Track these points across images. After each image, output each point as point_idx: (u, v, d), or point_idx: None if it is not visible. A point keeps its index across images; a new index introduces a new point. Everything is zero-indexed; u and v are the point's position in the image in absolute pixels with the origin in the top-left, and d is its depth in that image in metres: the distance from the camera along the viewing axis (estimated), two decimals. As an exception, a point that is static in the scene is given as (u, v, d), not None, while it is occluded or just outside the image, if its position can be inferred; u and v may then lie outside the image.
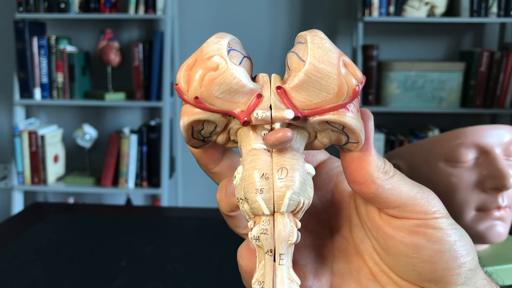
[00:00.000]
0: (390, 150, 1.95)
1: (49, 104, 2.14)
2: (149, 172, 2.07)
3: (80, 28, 2.19)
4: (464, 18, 1.89)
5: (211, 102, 0.24)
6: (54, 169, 2.10)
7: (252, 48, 2.15)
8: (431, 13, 1.94)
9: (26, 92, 2.02)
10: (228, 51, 0.24)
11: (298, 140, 0.25)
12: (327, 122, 0.24)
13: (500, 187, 0.58)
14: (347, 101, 0.24)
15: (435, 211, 0.25)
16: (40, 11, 1.98)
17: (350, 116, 0.24)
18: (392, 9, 1.92)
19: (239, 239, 0.29)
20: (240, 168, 0.25)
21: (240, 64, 0.24)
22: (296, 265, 0.28)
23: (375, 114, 2.15)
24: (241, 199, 0.25)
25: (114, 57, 2.01)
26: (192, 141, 0.26)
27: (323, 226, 0.29)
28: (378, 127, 2.09)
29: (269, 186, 0.24)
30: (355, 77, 0.24)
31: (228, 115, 0.25)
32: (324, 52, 0.23)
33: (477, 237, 0.61)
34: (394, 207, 0.25)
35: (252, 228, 0.24)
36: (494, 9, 1.90)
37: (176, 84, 0.24)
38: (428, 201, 0.25)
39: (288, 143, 0.24)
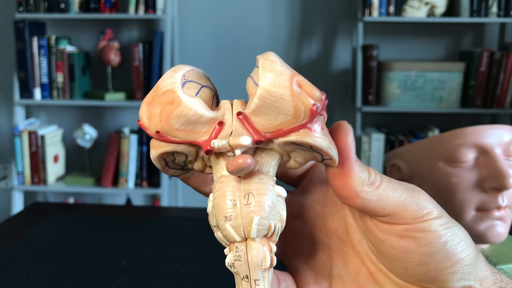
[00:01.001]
0: (390, 150, 1.95)
1: (49, 104, 2.14)
2: (149, 172, 2.07)
3: (80, 28, 2.18)
4: (464, 18, 1.89)
5: (173, 135, 0.24)
6: (54, 169, 2.10)
7: (252, 48, 2.15)
8: (431, 13, 1.94)
9: (26, 92, 2.02)
10: (184, 84, 0.24)
11: (267, 163, 0.25)
12: (293, 143, 0.24)
13: (500, 187, 0.58)
14: (306, 121, 0.24)
15: (426, 213, 0.25)
16: (40, 11, 1.98)
17: (314, 136, 0.24)
18: (392, 9, 1.92)
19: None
20: (211, 196, 0.25)
21: (196, 94, 0.24)
22: (296, 272, 0.28)
23: (375, 114, 2.15)
24: (214, 226, 0.25)
25: (114, 57, 2.01)
26: (170, 171, 0.27)
27: (319, 230, 0.29)
28: (378, 127, 2.10)
29: (236, 213, 0.24)
30: (311, 96, 0.24)
31: (194, 145, 0.25)
32: (275, 75, 0.23)
33: (477, 237, 0.61)
34: (384, 215, 0.25)
35: (227, 255, 0.25)
36: (494, 9, 1.90)
37: (139, 121, 0.25)
38: (418, 205, 0.25)
39: (248, 169, 0.24)
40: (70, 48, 2.05)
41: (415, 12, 1.91)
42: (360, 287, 0.28)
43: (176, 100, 0.24)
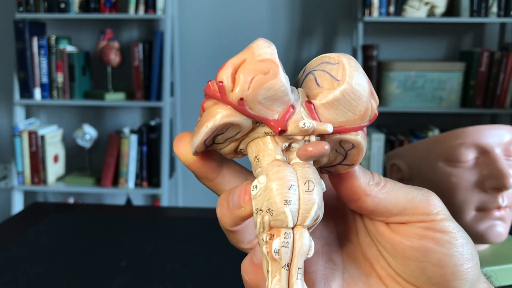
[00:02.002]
0: (390, 150, 1.95)
1: (49, 104, 2.15)
2: (149, 172, 2.07)
3: (80, 28, 2.19)
4: (464, 18, 1.89)
5: (252, 107, 0.23)
6: (54, 169, 2.10)
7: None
8: (431, 13, 1.94)
9: (26, 92, 2.02)
10: None
11: None
12: (343, 141, 0.25)
13: (500, 187, 0.58)
14: (367, 123, 0.25)
15: (438, 211, 0.25)
16: (40, 11, 1.98)
17: (363, 138, 0.25)
18: (392, 9, 1.92)
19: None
20: (263, 178, 0.24)
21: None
22: (306, 273, 0.28)
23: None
24: (261, 210, 0.24)
25: (114, 57, 2.01)
26: (201, 147, 0.25)
27: (331, 232, 0.30)
28: (378, 127, 2.09)
29: (296, 198, 0.24)
30: (376, 102, 0.25)
31: (256, 122, 0.24)
32: (360, 75, 0.24)
33: (477, 237, 0.61)
34: (396, 214, 0.26)
35: (267, 241, 0.24)
36: (494, 9, 1.90)
37: (221, 82, 0.23)
38: (428, 201, 0.26)
39: (323, 156, 0.24)
40: (70, 48, 2.05)
41: (415, 12, 1.91)
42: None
43: (274, 71, 0.23)
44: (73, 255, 0.71)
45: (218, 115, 0.23)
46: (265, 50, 0.23)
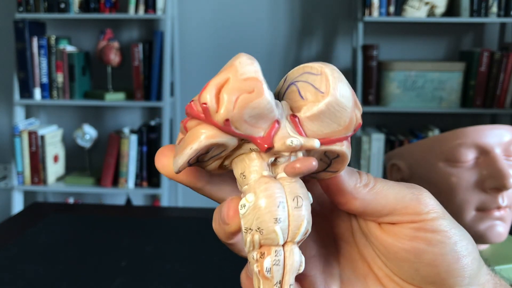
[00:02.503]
0: (390, 150, 1.95)
1: (49, 104, 2.14)
2: (149, 172, 2.07)
3: (80, 28, 2.19)
4: (464, 18, 1.89)
5: (238, 126, 0.23)
6: (54, 169, 2.10)
7: (252, 48, 2.15)
8: (431, 13, 1.94)
9: (26, 92, 2.02)
10: None
11: None
12: (328, 151, 0.25)
13: (500, 187, 0.58)
14: (352, 133, 0.25)
15: (429, 210, 0.25)
16: (40, 11, 1.98)
17: (348, 147, 0.25)
18: (392, 9, 1.92)
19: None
20: (251, 196, 0.24)
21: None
22: (305, 277, 0.28)
23: (375, 114, 2.15)
24: (250, 229, 0.24)
25: (114, 57, 2.01)
26: (184, 166, 0.24)
27: (326, 234, 0.29)
28: (378, 127, 2.10)
29: (285, 216, 0.23)
30: (360, 111, 0.25)
31: (241, 139, 0.24)
32: (344, 86, 0.24)
33: (477, 237, 0.61)
34: (387, 214, 0.25)
35: (258, 260, 0.24)
36: (494, 9, 1.90)
37: (204, 104, 0.22)
38: (419, 200, 0.25)
39: (310, 172, 0.24)
40: (70, 48, 2.05)
41: (415, 12, 1.91)
42: None
43: (259, 90, 0.22)
44: (73, 255, 0.71)
45: (203, 136, 0.23)
46: (248, 68, 0.23)
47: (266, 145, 0.23)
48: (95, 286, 0.62)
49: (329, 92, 0.24)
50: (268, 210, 0.23)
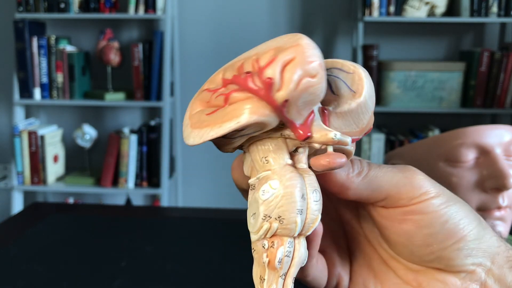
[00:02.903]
0: (390, 150, 1.95)
1: (49, 104, 2.14)
2: (149, 172, 2.07)
3: (80, 28, 2.18)
4: (464, 18, 1.89)
5: (290, 109, 0.22)
6: (54, 169, 2.10)
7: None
8: (431, 13, 1.94)
9: (26, 92, 2.02)
10: None
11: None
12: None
13: (500, 187, 0.58)
14: (361, 136, 0.25)
15: (423, 193, 0.25)
16: (40, 11, 1.98)
17: (354, 148, 0.25)
18: (392, 9, 1.92)
19: (239, 240, 0.29)
20: (276, 183, 0.23)
21: None
22: (325, 254, 0.28)
23: (375, 114, 2.15)
24: (269, 216, 0.23)
25: (114, 57, 2.01)
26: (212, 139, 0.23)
27: (332, 221, 0.30)
28: (378, 127, 2.09)
29: (305, 208, 0.23)
30: (373, 118, 0.25)
31: (279, 123, 0.23)
32: (373, 90, 0.24)
33: (478, 237, 0.61)
34: (381, 200, 0.25)
35: (268, 249, 0.23)
36: (495, 9, 1.90)
37: (270, 78, 0.21)
38: (412, 185, 0.25)
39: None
40: (70, 48, 2.05)
41: (415, 12, 1.91)
42: (374, 271, 0.28)
43: (320, 76, 0.21)
44: (73, 255, 0.71)
45: (253, 113, 0.21)
46: (314, 52, 0.22)
47: (307, 134, 0.23)
48: (95, 286, 0.62)
49: (361, 93, 0.24)
50: (293, 200, 0.23)
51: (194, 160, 2.25)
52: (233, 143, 0.24)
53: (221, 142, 0.24)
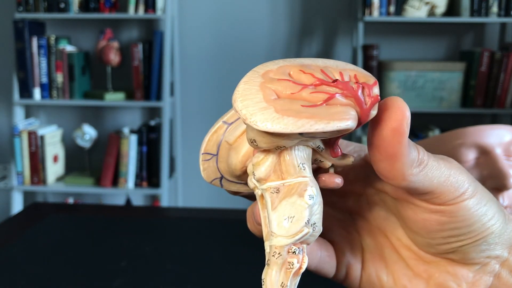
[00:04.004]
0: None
1: (48, 104, 2.14)
2: (149, 172, 2.07)
3: (80, 28, 2.18)
4: (465, 18, 1.89)
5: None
6: (54, 169, 2.10)
7: (252, 48, 2.15)
8: (431, 13, 1.94)
9: (26, 92, 2.02)
10: None
11: None
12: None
13: (500, 187, 0.58)
14: None
15: (462, 193, 0.24)
16: (40, 11, 1.98)
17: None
18: (392, 9, 1.92)
19: (239, 239, 0.29)
20: (315, 191, 0.23)
21: None
22: (333, 243, 0.29)
23: (375, 114, 2.15)
24: (308, 222, 0.23)
25: (114, 57, 2.01)
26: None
27: (341, 210, 0.30)
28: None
29: None
30: None
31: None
32: None
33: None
34: (424, 194, 0.24)
35: (298, 254, 0.23)
36: (495, 9, 1.90)
37: (378, 96, 0.23)
38: (457, 184, 0.24)
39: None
40: (69, 48, 2.05)
41: (415, 12, 1.91)
42: (385, 260, 0.28)
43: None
44: (73, 255, 0.71)
45: (355, 120, 0.22)
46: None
47: (340, 153, 0.25)
48: (95, 286, 0.62)
49: None
50: (323, 209, 0.24)
51: (194, 160, 2.25)
52: (287, 142, 0.23)
53: (282, 144, 0.23)
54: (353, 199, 0.29)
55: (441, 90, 1.96)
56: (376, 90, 0.22)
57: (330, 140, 0.24)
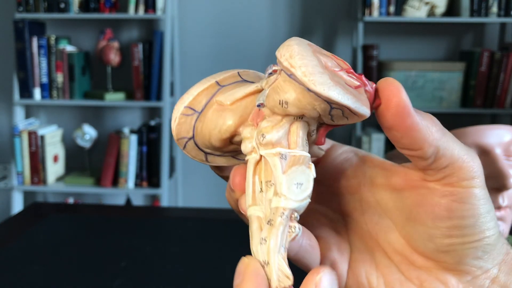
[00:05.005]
0: (390, 150, 1.95)
1: (49, 104, 2.14)
2: (149, 172, 2.07)
3: (80, 28, 2.18)
4: (464, 18, 1.89)
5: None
6: (54, 169, 2.10)
7: (252, 48, 2.15)
8: (431, 13, 1.94)
9: (26, 92, 2.02)
10: None
11: None
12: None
13: (500, 187, 0.58)
14: None
15: (475, 176, 0.24)
16: (40, 11, 1.98)
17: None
18: (392, 9, 1.92)
19: (239, 239, 0.29)
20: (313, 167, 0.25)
21: None
22: (320, 238, 0.28)
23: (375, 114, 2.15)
24: (309, 197, 0.24)
25: (114, 57, 2.01)
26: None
27: (333, 212, 0.30)
28: (378, 127, 2.09)
29: None
30: None
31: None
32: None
33: (478, 237, 0.61)
34: (444, 168, 0.24)
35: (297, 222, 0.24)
36: (494, 9, 1.90)
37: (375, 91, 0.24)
38: (472, 165, 0.24)
39: None
40: (70, 48, 2.05)
41: (415, 12, 1.91)
42: (377, 264, 0.28)
43: None
44: (73, 255, 0.71)
45: (370, 113, 0.24)
46: None
47: (323, 143, 0.26)
48: (95, 286, 0.62)
49: None
50: None
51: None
52: (313, 113, 0.24)
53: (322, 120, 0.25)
54: (346, 200, 0.29)
55: (441, 90, 1.96)
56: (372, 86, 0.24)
57: (321, 128, 0.25)
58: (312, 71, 0.22)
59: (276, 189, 0.24)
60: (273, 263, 0.23)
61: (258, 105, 0.25)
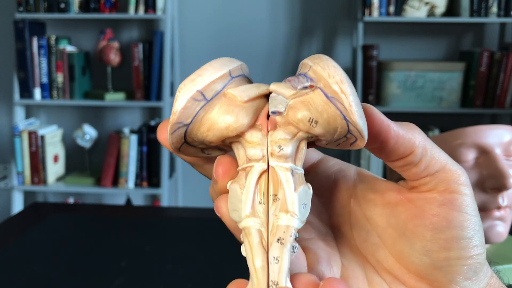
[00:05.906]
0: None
1: (49, 104, 2.14)
2: (149, 172, 2.07)
3: (80, 28, 2.18)
4: (464, 18, 1.89)
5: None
6: (54, 169, 2.10)
7: (252, 48, 2.15)
8: (431, 13, 1.94)
9: (26, 92, 2.02)
10: None
11: None
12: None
13: (500, 187, 0.58)
14: None
15: (462, 182, 0.25)
16: (40, 11, 1.98)
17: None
18: (392, 9, 1.92)
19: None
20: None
21: None
22: (308, 250, 0.27)
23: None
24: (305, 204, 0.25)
25: (114, 57, 2.01)
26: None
27: (323, 225, 0.29)
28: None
29: None
30: None
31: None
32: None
33: (477, 237, 0.61)
34: (435, 171, 0.25)
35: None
36: (494, 9, 1.90)
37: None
38: (457, 169, 0.25)
39: None
40: (70, 48, 2.05)
41: (415, 12, 1.91)
42: (369, 281, 0.27)
43: None
44: (73, 255, 0.71)
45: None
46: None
47: None
48: (95, 286, 0.62)
49: None
50: None
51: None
52: (327, 136, 0.25)
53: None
54: (336, 213, 0.29)
55: (441, 90, 1.96)
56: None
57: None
58: (357, 102, 0.22)
59: (286, 207, 0.23)
60: (282, 285, 0.22)
61: (274, 112, 0.23)
